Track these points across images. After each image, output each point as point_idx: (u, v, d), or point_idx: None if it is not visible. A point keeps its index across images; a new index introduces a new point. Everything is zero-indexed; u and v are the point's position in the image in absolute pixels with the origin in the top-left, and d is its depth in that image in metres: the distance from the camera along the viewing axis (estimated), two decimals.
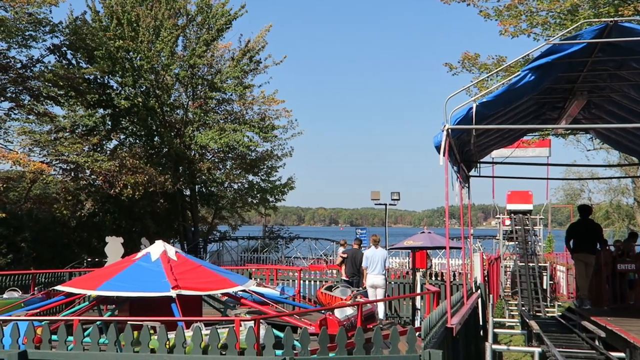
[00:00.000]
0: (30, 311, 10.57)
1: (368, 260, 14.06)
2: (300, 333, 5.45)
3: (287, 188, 35.83)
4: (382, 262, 14.07)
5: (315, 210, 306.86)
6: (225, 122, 31.72)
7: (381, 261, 14.03)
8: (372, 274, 13.97)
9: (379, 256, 14.08)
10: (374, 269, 13.95)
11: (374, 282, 13.92)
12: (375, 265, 13.94)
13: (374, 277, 13.93)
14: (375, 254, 14.10)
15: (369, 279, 14.03)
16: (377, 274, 13.94)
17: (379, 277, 13.96)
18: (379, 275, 13.97)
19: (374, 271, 13.95)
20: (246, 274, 17.65)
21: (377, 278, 13.94)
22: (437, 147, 7.72)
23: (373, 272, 13.96)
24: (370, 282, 13.99)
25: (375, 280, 13.93)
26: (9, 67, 22.84)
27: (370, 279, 13.98)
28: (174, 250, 11.20)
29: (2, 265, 20.57)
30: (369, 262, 14.03)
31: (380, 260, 14.01)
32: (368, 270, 14.03)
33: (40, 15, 22.27)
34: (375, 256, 14.04)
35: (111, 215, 28.19)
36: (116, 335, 5.30)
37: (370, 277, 13.98)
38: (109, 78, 29.13)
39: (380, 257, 14.05)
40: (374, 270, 13.94)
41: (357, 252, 15.10)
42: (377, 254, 14.09)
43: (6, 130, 24.76)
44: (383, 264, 14.09)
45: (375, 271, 13.94)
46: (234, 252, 36.79)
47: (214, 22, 30.32)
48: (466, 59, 17.17)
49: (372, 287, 14.00)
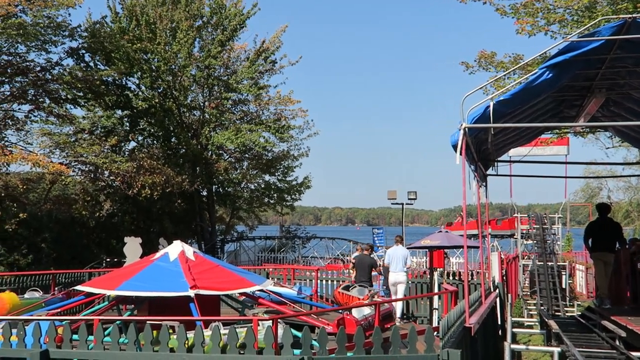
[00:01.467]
0: (51, 311, 10.67)
1: (390, 258, 14.65)
2: (318, 333, 5.47)
3: (303, 188, 35.90)
4: (403, 259, 14.60)
5: (332, 210, 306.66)
6: (241, 123, 31.84)
7: (402, 259, 14.56)
8: (393, 272, 14.53)
9: (400, 254, 14.63)
10: (395, 267, 14.49)
11: (396, 279, 14.46)
12: (397, 262, 14.47)
13: (395, 275, 14.48)
14: (397, 251, 14.68)
15: (390, 276, 14.58)
16: (399, 271, 14.46)
17: (400, 274, 14.47)
18: (400, 272, 14.48)
19: (395, 268, 14.49)
20: (263, 273, 17.69)
21: (399, 275, 14.45)
22: (454, 146, 7.69)
23: (394, 269, 14.51)
24: (392, 279, 14.55)
25: (397, 277, 14.45)
26: (29, 70, 23.11)
27: (392, 276, 14.53)
28: (192, 250, 11.25)
29: (22, 266, 20.81)
30: (390, 260, 14.60)
31: (401, 258, 14.55)
32: (390, 267, 14.57)
33: (59, 18, 22.51)
34: (397, 254, 14.60)
35: (129, 216, 28.41)
36: (136, 334, 5.35)
37: (392, 274, 14.55)
38: (127, 80, 29.40)
39: (401, 255, 14.60)
40: (396, 268, 14.49)
41: (363, 258, 15.09)
42: (399, 252, 14.67)
43: (26, 132, 25.05)
44: (404, 261, 14.61)
45: (397, 268, 14.47)
46: (251, 252, 36.91)
47: (228, 22, 30.47)
48: (482, 58, 17.07)
49: (393, 284, 14.57)
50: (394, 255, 14.66)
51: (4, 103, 23.85)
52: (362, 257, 15.20)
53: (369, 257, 15.20)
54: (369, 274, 14.69)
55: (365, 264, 14.64)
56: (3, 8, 19.08)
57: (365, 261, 14.76)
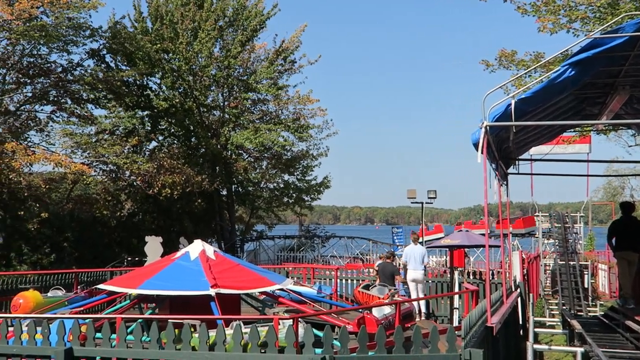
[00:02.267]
0: (74, 309, 10.78)
1: (408, 256, 14.95)
2: (339, 332, 5.46)
3: (322, 187, 35.90)
4: (421, 257, 14.97)
5: (351, 209, 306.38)
6: (260, 122, 31.93)
7: (420, 257, 14.91)
8: (411, 269, 14.87)
9: (418, 252, 14.99)
10: (414, 264, 14.85)
11: (414, 276, 14.79)
12: (415, 260, 14.83)
13: (413, 272, 14.83)
14: (415, 250, 15.03)
15: (409, 274, 14.86)
16: (417, 269, 14.82)
17: (418, 272, 14.85)
18: (419, 270, 14.86)
19: (413, 266, 14.85)
20: (283, 272, 17.73)
21: (417, 273, 14.83)
22: (475, 145, 7.63)
23: (413, 267, 14.85)
24: (410, 277, 14.86)
25: (415, 275, 14.80)
26: (50, 71, 23.42)
27: (411, 274, 14.86)
28: (213, 249, 11.31)
29: (45, 265, 21.09)
30: (408, 258, 14.88)
31: (419, 255, 14.90)
32: (408, 265, 14.86)
33: (80, 20, 22.76)
34: (415, 252, 14.94)
35: (150, 215, 28.64)
36: (158, 333, 5.38)
37: (410, 272, 14.88)
38: (148, 80, 29.64)
39: (419, 253, 14.96)
40: (414, 266, 14.85)
41: (386, 266, 15.22)
42: (417, 250, 15.01)
43: (48, 133, 25.38)
44: (422, 259, 14.98)
45: (415, 266, 14.84)
46: (271, 251, 37.00)
47: (248, 23, 30.58)
48: (503, 56, 16.95)
49: (412, 282, 14.91)
50: (411, 253, 14.93)
51: (27, 104, 24.17)
52: (385, 265, 15.32)
53: (391, 264, 15.30)
54: (391, 281, 14.75)
55: (387, 271, 14.78)
56: (25, 11, 19.32)
57: (388, 269, 14.88)
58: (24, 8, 19.23)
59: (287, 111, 33.04)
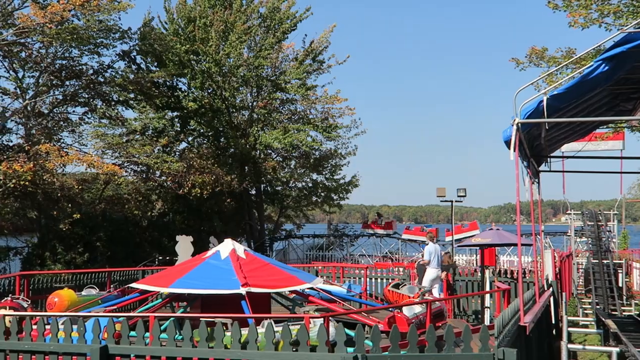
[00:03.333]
0: (107, 308, 10.95)
1: (431, 254, 14.96)
2: (370, 331, 5.45)
3: (351, 186, 35.84)
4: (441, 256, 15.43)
5: (379, 207, 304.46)
6: (289, 122, 32.01)
7: (440, 255, 15.35)
8: (435, 268, 14.93)
9: (440, 251, 15.40)
10: (438, 263, 15.01)
11: (438, 274, 14.99)
12: (438, 259, 15.07)
13: (436, 270, 14.96)
14: (437, 248, 15.26)
15: (432, 272, 14.86)
16: (437, 267, 14.99)
17: (439, 270, 15.09)
18: (439, 268, 15.06)
19: (437, 265, 14.99)
20: (312, 271, 17.76)
21: (439, 271, 15.07)
22: (506, 142, 7.56)
23: (436, 265, 14.96)
24: (433, 275, 14.88)
25: (438, 272, 15.03)
26: (82, 73, 23.78)
27: (434, 272, 14.90)
28: (243, 248, 11.39)
29: (79, 264, 21.43)
30: (432, 256, 14.94)
31: (440, 254, 15.34)
32: (432, 263, 14.89)
33: (110, 22, 23.05)
34: (438, 250, 15.21)
35: (180, 215, 28.90)
36: (191, 331, 5.44)
37: (434, 270, 14.91)
38: (177, 81, 29.92)
39: (440, 252, 15.41)
40: (438, 264, 15.00)
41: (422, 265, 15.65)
42: (438, 249, 15.29)
43: (80, 134, 25.81)
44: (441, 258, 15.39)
45: (439, 264, 15.04)
46: (300, 250, 37.07)
47: (280, 24, 30.72)
48: (533, 53, 16.76)
49: (434, 279, 14.99)
50: (435, 252, 15.02)
51: (59, 106, 24.60)
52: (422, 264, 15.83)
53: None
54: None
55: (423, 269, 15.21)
56: (58, 14, 19.64)
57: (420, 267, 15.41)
58: (56, 11, 19.54)
59: (315, 111, 33.09)
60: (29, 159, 19.29)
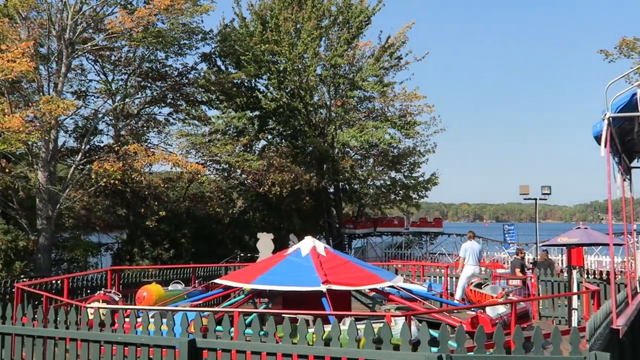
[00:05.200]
0: (193, 302, 11.27)
1: (467, 252, 15.18)
2: (451, 330, 5.37)
3: (430, 184, 35.41)
4: (479, 253, 15.68)
5: (459, 206, 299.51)
6: (366, 120, 31.98)
7: (478, 253, 15.53)
8: (472, 265, 15.09)
9: (477, 248, 15.57)
10: (473, 260, 15.16)
11: (474, 271, 15.10)
12: (474, 256, 15.21)
13: (473, 267, 15.08)
14: (474, 246, 15.47)
15: (469, 269, 15.04)
16: (475, 264, 15.16)
17: (477, 267, 15.26)
18: (477, 265, 15.25)
19: (473, 262, 15.14)
20: (392, 270, 17.64)
21: (476, 268, 15.22)
22: (596, 138, 7.24)
23: (472, 262, 15.12)
24: (469, 272, 15.02)
25: (474, 270, 15.12)
26: (167, 75, 24.62)
27: (470, 269, 15.06)
28: (323, 246, 11.44)
29: (165, 260, 22.18)
30: (467, 254, 15.14)
31: (477, 251, 15.46)
32: (467, 261, 15.10)
33: (193, 24, 23.74)
34: (473, 248, 15.35)
35: (260, 213, 29.40)
36: (275, 327, 5.51)
37: (470, 267, 15.08)
38: (256, 81, 30.46)
39: (478, 249, 15.56)
40: (473, 261, 15.15)
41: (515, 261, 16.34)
42: (475, 247, 15.50)
43: (166, 134, 26.74)
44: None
45: (474, 262, 15.17)
46: (378, 248, 36.94)
47: (353, 20, 30.70)
48: (624, 44, 16.02)
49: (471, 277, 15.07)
50: (471, 249, 15.23)
51: (146, 107, 25.57)
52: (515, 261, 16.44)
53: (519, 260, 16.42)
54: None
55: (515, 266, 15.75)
56: (144, 19, 20.39)
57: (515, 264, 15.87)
58: (143, 16, 20.29)
59: (393, 108, 32.91)
60: (118, 158, 20.13)
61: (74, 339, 6.07)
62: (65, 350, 6.13)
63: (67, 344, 6.11)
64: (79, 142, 23.86)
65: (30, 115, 18.59)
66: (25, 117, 18.02)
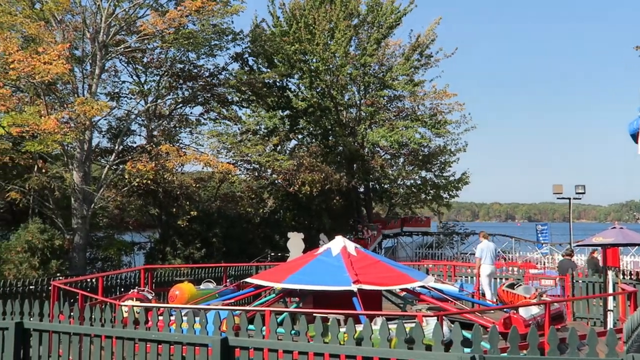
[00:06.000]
0: (225, 301, 11.36)
1: (483, 252, 15.38)
2: (484, 332, 5.31)
3: (461, 183, 35.11)
4: (496, 253, 16.12)
5: (490, 205, 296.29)
6: (396, 119, 31.85)
7: (495, 252, 15.91)
8: (489, 265, 15.36)
9: (493, 248, 15.85)
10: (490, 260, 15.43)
11: (491, 271, 15.45)
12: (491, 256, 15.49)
13: (490, 267, 15.37)
14: (490, 246, 15.71)
15: (486, 269, 15.29)
16: (492, 263, 15.44)
17: (493, 267, 15.59)
18: (493, 265, 15.51)
19: (490, 261, 15.41)
20: (423, 269, 17.55)
21: (493, 267, 15.56)
22: (632, 135, 7.12)
23: (489, 262, 15.38)
24: (487, 272, 15.31)
25: (492, 270, 15.46)
26: (199, 75, 24.87)
27: (488, 268, 15.33)
28: (354, 246, 11.43)
29: (197, 259, 22.39)
30: (484, 253, 15.34)
31: (494, 251, 15.79)
32: (484, 261, 15.30)
33: (223, 25, 23.92)
34: (490, 248, 15.61)
35: (290, 212, 29.50)
36: (306, 326, 5.52)
37: (487, 267, 15.34)
38: (287, 81, 30.56)
39: (494, 249, 15.86)
40: (490, 261, 15.40)
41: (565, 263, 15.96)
42: (492, 247, 15.77)
43: (198, 134, 27.00)
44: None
45: (491, 261, 15.44)
46: (409, 248, 36.77)
47: (384, 19, 30.61)
48: None
49: (488, 277, 15.42)
50: (487, 249, 15.42)
51: (178, 107, 25.86)
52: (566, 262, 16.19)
53: (570, 261, 16.19)
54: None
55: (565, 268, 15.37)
56: (175, 20, 20.62)
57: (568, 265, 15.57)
58: (174, 17, 20.51)
59: (423, 107, 32.71)
60: (150, 159, 20.38)
61: (109, 337, 6.16)
62: (101, 348, 6.23)
63: (102, 342, 6.21)
64: (113, 142, 24.24)
65: (66, 117, 18.95)
66: (61, 119, 18.37)
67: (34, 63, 17.23)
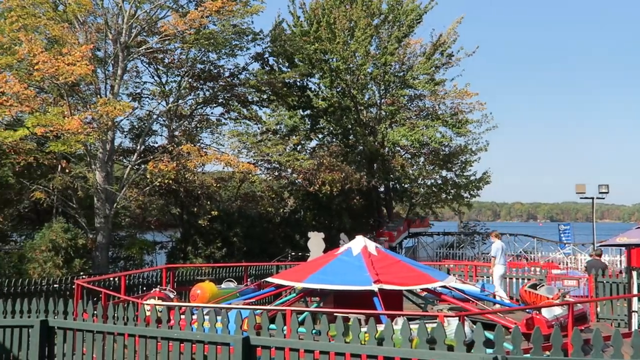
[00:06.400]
0: (246, 300, 11.39)
1: (499, 251, 15.26)
2: (506, 332, 5.28)
3: (482, 183, 34.86)
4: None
5: (512, 205, 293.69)
6: (417, 119, 31.74)
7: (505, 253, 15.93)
8: (503, 265, 15.31)
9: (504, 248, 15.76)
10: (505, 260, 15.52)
11: (504, 270, 15.44)
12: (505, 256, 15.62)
13: (503, 267, 15.30)
14: (504, 246, 15.82)
15: (501, 269, 15.18)
16: (504, 263, 15.45)
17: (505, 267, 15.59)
18: (505, 265, 15.54)
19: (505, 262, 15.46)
20: (443, 269, 17.46)
21: (505, 267, 15.53)
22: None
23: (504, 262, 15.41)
24: (502, 271, 15.23)
25: (504, 269, 15.43)
26: (219, 76, 24.99)
27: (502, 268, 15.25)
28: (374, 245, 11.40)
29: (217, 258, 22.51)
30: (500, 253, 15.25)
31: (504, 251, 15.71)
32: (500, 260, 15.18)
33: (244, 25, 24.02)
34: (503, 248, 15.59)
35: (310, 212, 29.51)
36: (327, 326, 5.53)
37: (502, 267, 15.25)
38: (308, 80, 30.60)
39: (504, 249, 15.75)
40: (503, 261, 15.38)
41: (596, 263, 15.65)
42: (504, 247, 15.75)
43: (218, 134, 27.15)
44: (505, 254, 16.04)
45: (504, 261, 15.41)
46: (430, 247, 36.60)
47: (405, 17, 30.51)
48: None
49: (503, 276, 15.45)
50: (502, 249, 15.43)
51: (199, 107, 26.01)
52: (594, 262, 15.88)
53: (600, 261, 15.86)
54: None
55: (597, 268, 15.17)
56: (196, 21, 20.74)
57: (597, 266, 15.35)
58: (195, 18, 20.64)
59: (444, 106, 32.56)
60: (172, 158, 20.52)
61: (132, 335, 6.22)
62: (124, 346, 6.29)
63: (125, 340, 6.27)
64: (135, 142, 24.45)
65: (89, 117, 19.17)
66: (84, 119, 18.60)
67: (57, 64, 17.45)
